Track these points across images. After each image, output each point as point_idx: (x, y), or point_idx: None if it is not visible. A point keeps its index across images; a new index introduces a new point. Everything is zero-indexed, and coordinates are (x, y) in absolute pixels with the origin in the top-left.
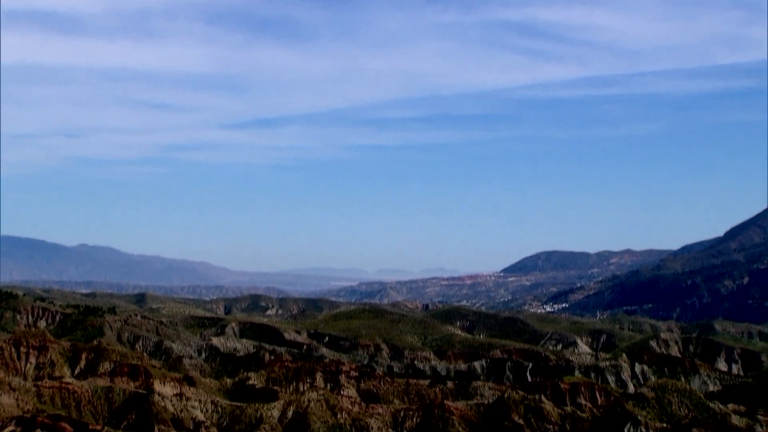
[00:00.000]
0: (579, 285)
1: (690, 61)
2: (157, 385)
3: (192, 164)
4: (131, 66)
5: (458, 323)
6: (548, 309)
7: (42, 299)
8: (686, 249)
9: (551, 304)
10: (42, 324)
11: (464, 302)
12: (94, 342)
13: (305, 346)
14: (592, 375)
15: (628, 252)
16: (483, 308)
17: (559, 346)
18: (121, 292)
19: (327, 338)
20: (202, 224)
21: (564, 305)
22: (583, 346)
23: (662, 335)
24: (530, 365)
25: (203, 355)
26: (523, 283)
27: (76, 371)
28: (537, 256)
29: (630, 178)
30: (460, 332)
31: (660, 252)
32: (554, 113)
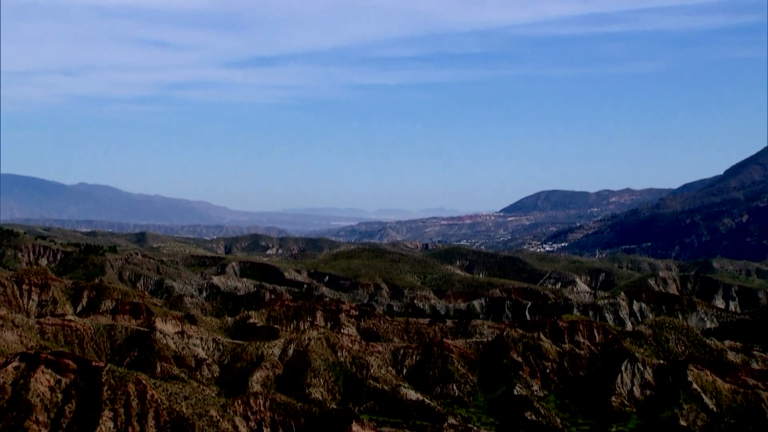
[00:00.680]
0: (578, 224)
1: None
2: (159, 323)
3: (191, 103)
4: (129, 2)
5: (458, 263)
6: (547, 248)
7: (43, 238)
8: (686, 187)
9: (550, 243)
10: (43, 262)
11: (464, 242)
12: (96, 280)
13: (305, 286)
14: (591, 313)
15: (627, 191)
16: (482, 248)
17: (558, 285)
18: (121, 231)
19: (327, 278)
20: (201, 163)
21: (563, 244)
22: (582, 285)
23: (661, 274)
24: (529, 304)
25: (204, 294)
26: (523, 222)
27: (78, 309)
28: (537, 196)
29: (631, 116)
30: (459, 271)
31: (660, 191)
32: (555, 51)
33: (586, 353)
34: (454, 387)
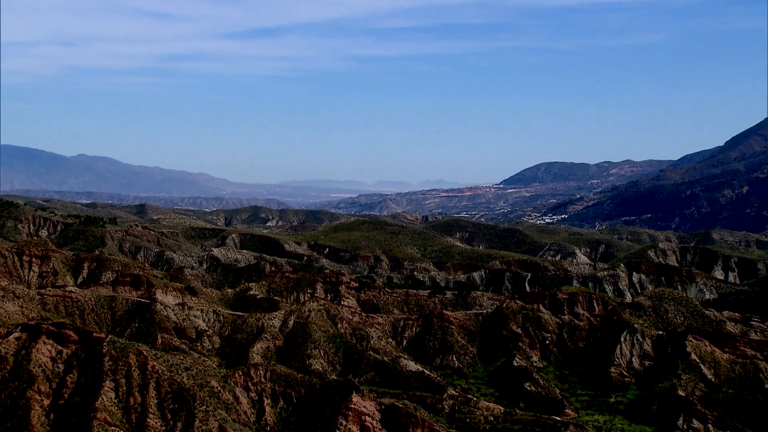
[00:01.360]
0: (578, 196)
1: None
2: (160, 295)
3: (190, 74)
4: None
5: (457, 235)
6: (547, 220)
7: (43, 209)
8: (686, 159)
9: (550, 215)
10: (44, 233)
11: (464, 214)
12: (96, 252)
13: (305, 258)
14: (590, 285)
15: (628, 162)
16: (482, 220)
17: (558, 257)
18: (121, 203)
19: (327, 250)
20: (201, 135)
21: (563, 216)
22: (582, 257)
23: (660, 245)
24: (529, 276)
25: (204, 266)
26: (523, 194)
27: (79, 280)
28: (537, 168)
29: (631, 88)
30: (459, 243)
31: (660, 162)
32: (556, 22)
33: (586, 325)
34: (454, 358)
